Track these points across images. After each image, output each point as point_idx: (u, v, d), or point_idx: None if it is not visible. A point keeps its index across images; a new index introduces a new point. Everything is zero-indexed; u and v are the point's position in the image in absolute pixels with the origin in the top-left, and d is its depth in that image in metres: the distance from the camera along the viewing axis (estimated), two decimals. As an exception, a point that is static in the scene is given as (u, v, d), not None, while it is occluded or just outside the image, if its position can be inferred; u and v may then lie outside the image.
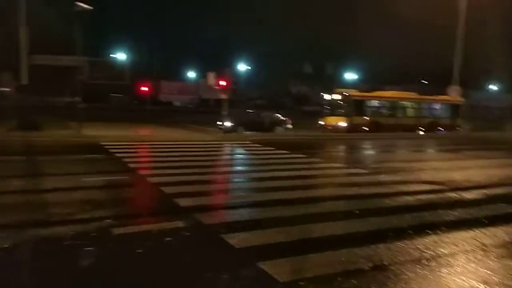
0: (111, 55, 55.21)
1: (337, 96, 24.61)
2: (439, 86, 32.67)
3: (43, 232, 4.96)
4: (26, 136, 15.64)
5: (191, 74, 69.50)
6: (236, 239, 4.86)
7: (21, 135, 15.92)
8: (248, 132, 20.81)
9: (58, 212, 5.83)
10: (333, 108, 24.59)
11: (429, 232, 5.39)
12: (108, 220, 5.51)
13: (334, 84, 40.32)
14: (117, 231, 5.11)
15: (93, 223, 5.36)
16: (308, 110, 49.21)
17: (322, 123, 24.84)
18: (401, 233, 5.29)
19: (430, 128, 26.08)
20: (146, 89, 37.31)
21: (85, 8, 17.77)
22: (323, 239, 5.02)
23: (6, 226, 5.13)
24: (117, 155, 11.80)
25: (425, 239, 5.11)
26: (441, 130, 26.35)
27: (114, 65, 61.69)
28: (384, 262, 4.32)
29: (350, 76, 50.38)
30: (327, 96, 25.39)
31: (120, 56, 52.75)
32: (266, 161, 11.83)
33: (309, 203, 6.84)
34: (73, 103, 22.63)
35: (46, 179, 8.22)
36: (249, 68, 55.36)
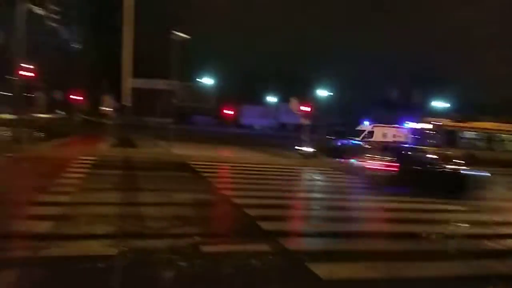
0: (198, 80, 58.75)
1: (426, 126, 23.27)
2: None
3: (141, 243, 5.31)
4: (123, 152, 17.13)
5: (271, 99, 70.87)
6: (322, 270, 4.72)
7: (120, 151, 17.47)
8: (328, 159, 20.46)
9: (153, 226, 6.21)
10: (422, 138, 23.24)
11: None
12: (196, 237, 5.73)
13: (421, 112, 38.14)
14: (205, 248, 5.28)
15: (183, 239, 5.61)
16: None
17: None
18: (508, 280, 4.72)
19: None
20: (230, 112, 38.93)
21: (182, 37, 19.26)
22: (417, 280, 4.67)
23: (110, 235, 5.59)
24: (204, 174, 12.34)
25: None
26: None
27: (201, 89, 65.47)
28: (491, 312, 3.87)
29: (440, 104, 47.25)
30: (413, 125, 24.12)
31: (207, 80, 55.91)
32: (348, 190, 11.47)
33: (399, 239, 6.46)
34: (164, 123, 24.41)
35: (141, 194, 8.85)
36: (331, 94, 54.96)
